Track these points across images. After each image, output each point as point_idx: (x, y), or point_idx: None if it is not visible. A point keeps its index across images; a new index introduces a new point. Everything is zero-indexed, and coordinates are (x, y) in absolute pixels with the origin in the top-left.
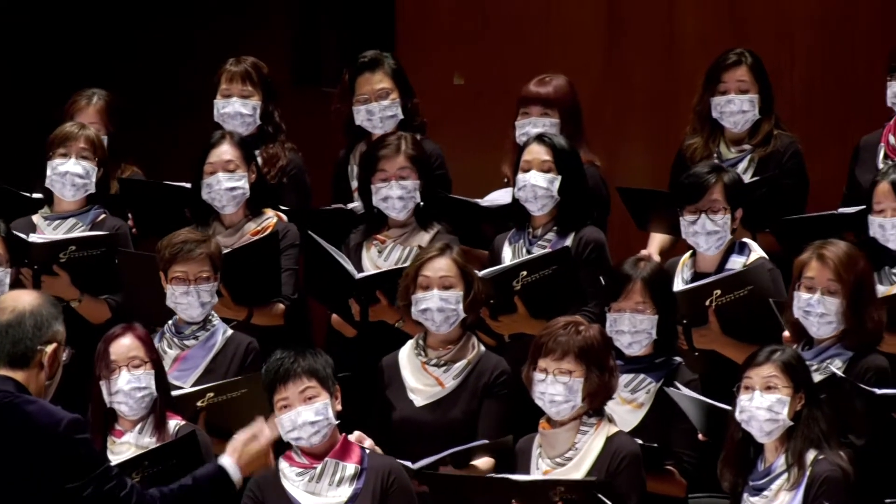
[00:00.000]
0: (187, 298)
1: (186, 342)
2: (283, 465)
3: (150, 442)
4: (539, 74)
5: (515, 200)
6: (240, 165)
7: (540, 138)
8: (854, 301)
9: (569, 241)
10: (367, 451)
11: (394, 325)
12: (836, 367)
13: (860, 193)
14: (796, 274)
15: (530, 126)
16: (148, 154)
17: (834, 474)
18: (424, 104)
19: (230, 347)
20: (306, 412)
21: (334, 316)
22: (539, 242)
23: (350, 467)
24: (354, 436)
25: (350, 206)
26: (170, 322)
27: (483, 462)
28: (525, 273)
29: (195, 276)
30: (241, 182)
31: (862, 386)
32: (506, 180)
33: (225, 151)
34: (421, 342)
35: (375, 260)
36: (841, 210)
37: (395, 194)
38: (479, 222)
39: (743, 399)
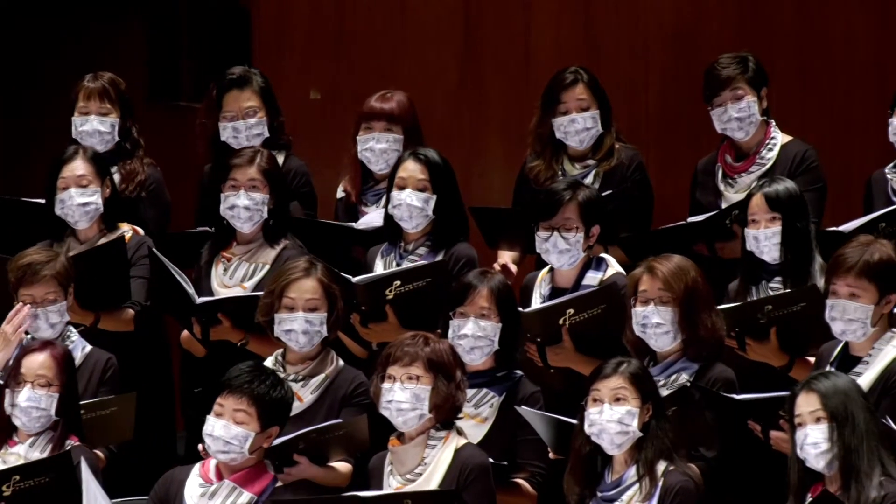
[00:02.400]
0: (37, 322)
1: None
2: (195, 471)
3: (36, 457)
4: (395, 88)
5: (387, 214)
6: (93, 181)
7: (415, 155)
8: (686, 309)
9: (440, 257)
10: (276, 486)
11: (237, 344)
12: (683, 380)
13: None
14: (631, 291)
15: (373, 141)
16: (2, 170)
17: (687, 485)
18: (282, 116)
19: (89, 363)
20: (227, 430)
21: (183, 335)
22: (410, 257)
23: (246, 496)
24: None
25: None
26: (27, 338)
27: (342, 465)
28: (399, 283)
29: (42, 299)
30: (94, 197)
31: (722, 393)
32: (342, 195)
33: (77, 167)
34: (280, 358)
35: (221, 277)
36: (690, 219)
37: (242, 203)
38: (349, 244)
39: (592, 412)
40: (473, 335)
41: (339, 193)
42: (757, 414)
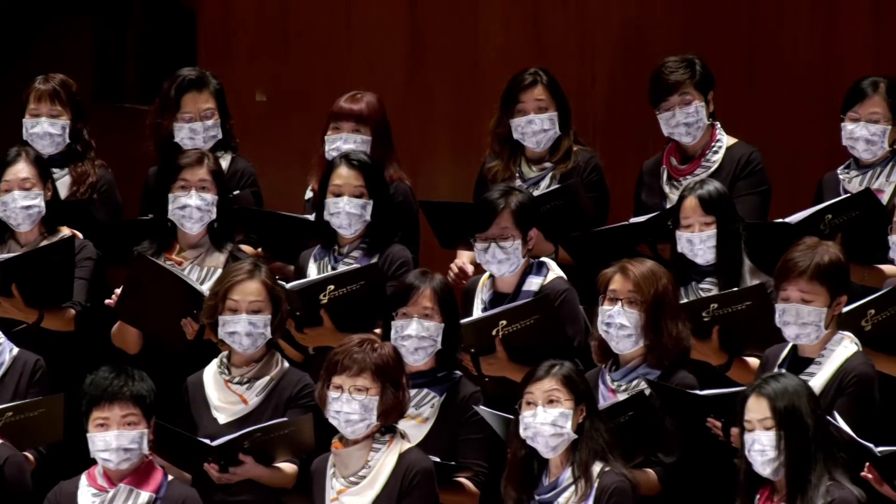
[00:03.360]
0: None
1: None
2: (83, 482)
3: None
4: (341, 90)
5: (321, 218)
6: (36, 184)
7: (349, 161)
8: (653, 315)
9: (374, 260)
10: (168, 480)
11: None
12: (643, 387)
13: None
14: (601, 289)
15: (341, 142)
16: None
17: (622, 485)
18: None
19: (17, 366)
20: (123, 438)
21: (113, 331)
22: (345, 260)
23: (144, 495)
24: None
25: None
26: None
27: (287, 466)
28: (332, 287)
29: None
30: (36, 200)
31: (688, 391)
32: (311, 194)
33: (21, 169)
34: (225, 360)
35: None
36: (632, 220)
37: (194, 203)
38: (303, 238)
39: (526, 415)
40: (417, 335)
41: (308, 194)
42: (719, 410)
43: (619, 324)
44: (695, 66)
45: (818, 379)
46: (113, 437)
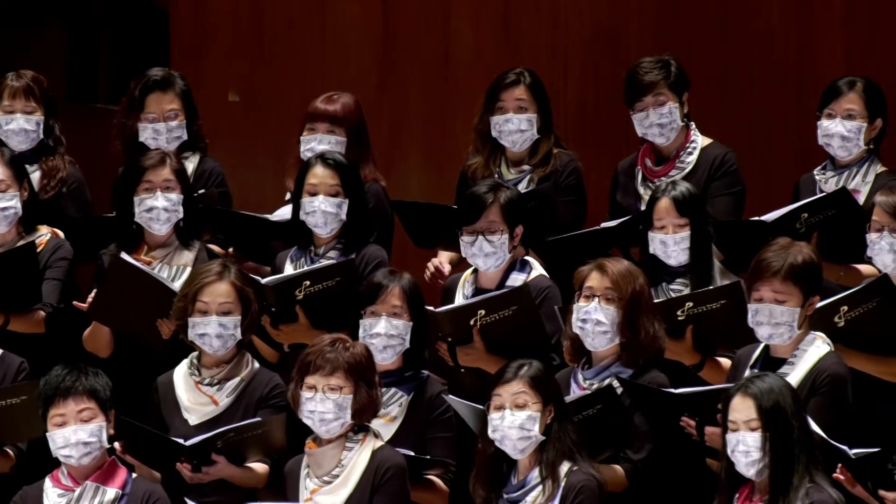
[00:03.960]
0: None
1: None
2: (48, 484)
3: None
4: (315, 91)
5: (298, 219)
6: (11, 185)
7: (324, 160)
8: (630, 313)
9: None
10: (133, 477)
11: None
12: (615, 386)
13: (622, 217)
14: (577, 287)
15: (315, 142)
16: None
17: (589, 484)
18: (200, 120)
19: (1, 368)
20: (81, 432)
21: (85, 335)
22: (321, 260)
23: (111, 492)
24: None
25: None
26: None
27: (259, 466)
28: (308, 283)
29: None
30: (13, 202)
31: (662, 389)
32: (289, 196)
33: None
34: (195, 361)
35: None
36: (603, 224)
37: (161, 205)
38: (268, 238)
39: (494, 418)
40: (386, 334)
41: (288, 195)
42: (693, 408)
43: (595, 320)
44: (670, 66)
45: (791, 379)
46: (71, 433)
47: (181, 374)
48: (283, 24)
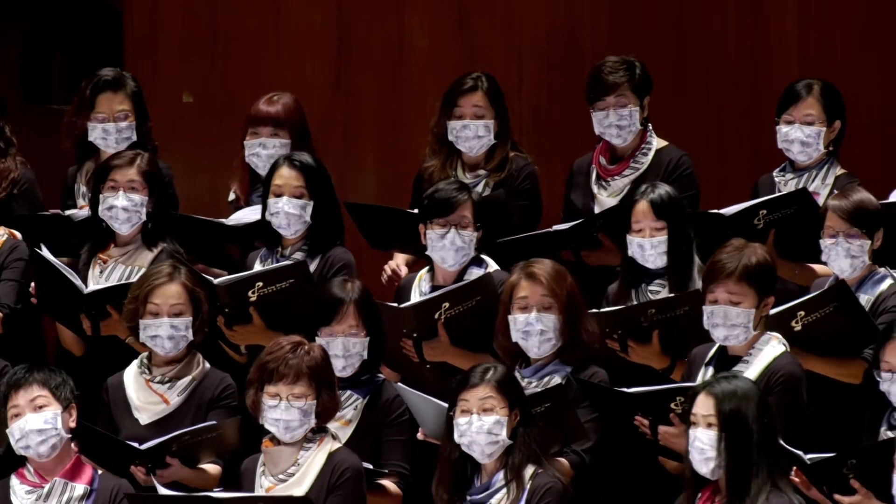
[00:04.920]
0: None
1: None
2: (15, 481)
3: None
4: (269, 92)
5: (266, 220)
6: None
7: (290, 162)
8: (569, 315)
9: (316, 262)
10: (100, 473)
11: (125, 340)
12: (556, 383)
13: (577, 217)
14: (507, 297)
15: (260, 147)
16: None
17: (555, 486)
18: (153, 121)
19: None
20: (34, 420)
21: (61, 335)
22: (287, 261)
23: (79, 488)
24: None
25: (68, 212)
26: None
27: (211, 467)
28: (261, 284)
29: None
30: None
31: (616, 389)
32: (232, 198)
33: None
34: (146, 361)
35: (98, 279)
36: (555, 227)
37: (121, 204)
38: (223, 242)
39: (461, 423)
40: (344, 355)
41: (231, 196)
42: (647, 408)
43: (538, 330)
44: (635, 69)
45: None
46: (24, 422)
47: (132, 374)
48: (238, 25)
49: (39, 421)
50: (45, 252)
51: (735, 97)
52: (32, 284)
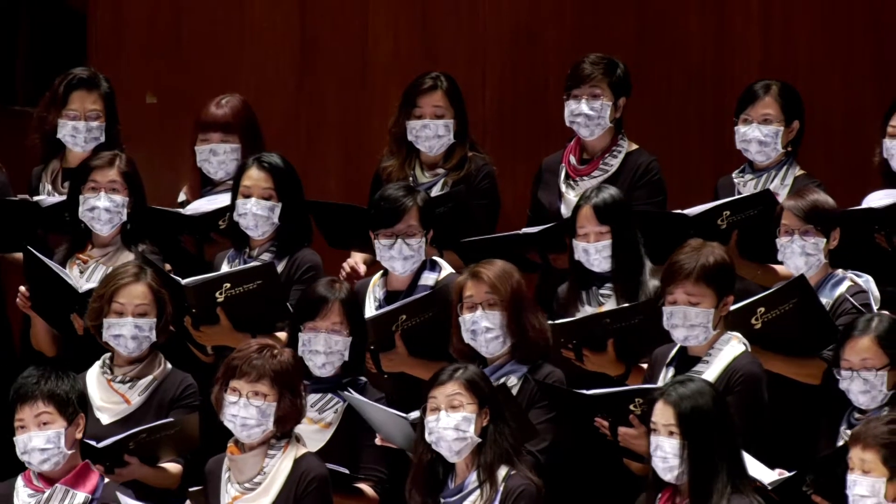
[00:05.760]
0: None
1: None
2: (20, 483)
3: None
4: (232, 93)
5: (234, 222)
6: None
7: (260, 163)
8: (514, 312)
9: (284, 263)
10: (105, 482)
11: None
12: (512, 383)
13: (544, 215)
14: (456, 298)
15: (210, 154)
16: None
17: (529, 488)
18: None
19: None
20: (37, 438)
21: (34, 335)
22: (254, 262)
23: (80, 496)
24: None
25: (36, 198)
26: None
27: (172, 466)
28: (229, 285)
29: None
30: None
31: (576, 391)
32: (182, 199)
33: None
34: (108, 360)
35: (78, 279)
36: (523, 230)
37: (102, 205)
38: (179, 232)
39: (430, 420)
40: (325, 352)
41: (181, 197)
42: (606, 409)
43: (484, 327)
44: (616, 67)
45: (706, 377)
46: (28, 438)
47: (93, 375)
48: (201, 26)
49: (42, 440)
50: (38, 254)
51: (698, 98)
52: (23, 288)
